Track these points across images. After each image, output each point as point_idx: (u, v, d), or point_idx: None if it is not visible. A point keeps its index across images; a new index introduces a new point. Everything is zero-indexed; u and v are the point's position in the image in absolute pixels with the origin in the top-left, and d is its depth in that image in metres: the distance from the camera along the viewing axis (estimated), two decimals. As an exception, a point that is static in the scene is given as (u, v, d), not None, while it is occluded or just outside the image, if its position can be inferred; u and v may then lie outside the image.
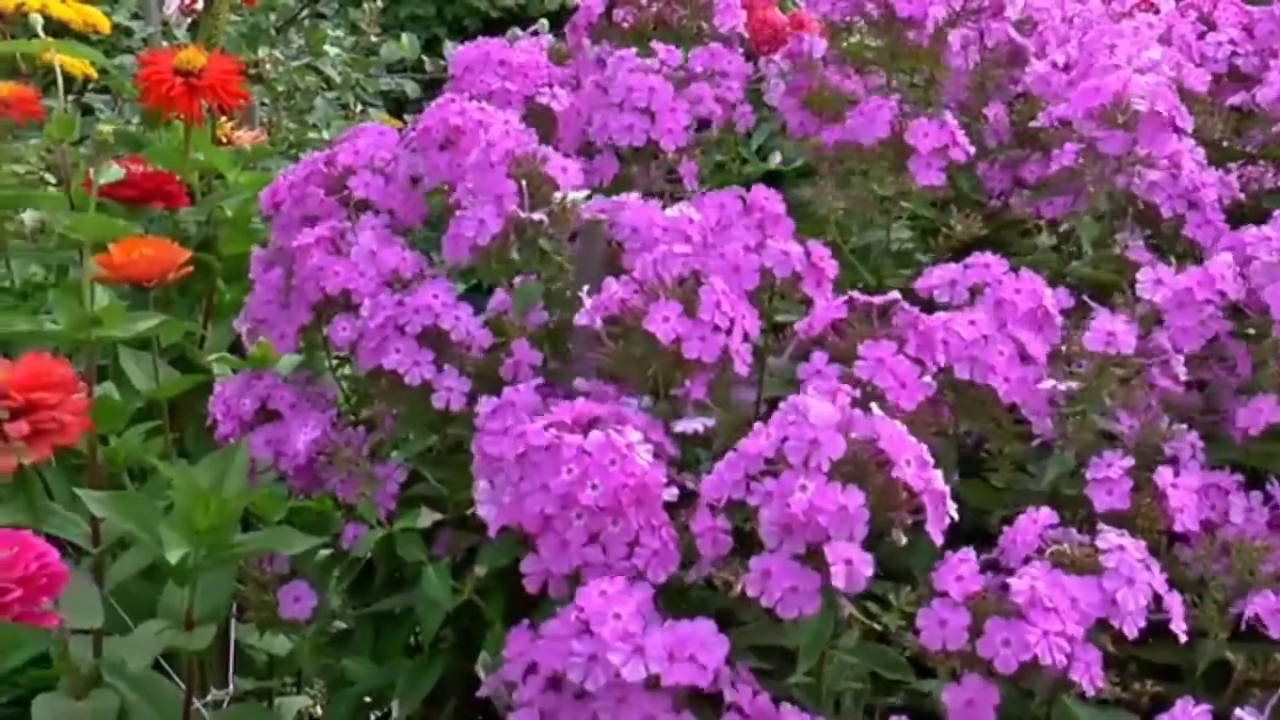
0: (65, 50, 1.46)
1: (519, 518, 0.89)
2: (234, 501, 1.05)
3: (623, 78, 1.19)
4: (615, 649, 0.81)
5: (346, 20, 2.78)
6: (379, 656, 1.08)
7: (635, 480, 0.87)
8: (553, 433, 0.88)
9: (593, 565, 0.87)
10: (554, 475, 0.87)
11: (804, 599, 0.80)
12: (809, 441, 0.81)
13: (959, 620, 0.81)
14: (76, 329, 1.21)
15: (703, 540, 0.85)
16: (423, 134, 1.13)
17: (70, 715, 1.10)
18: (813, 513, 0.79)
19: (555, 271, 1.05)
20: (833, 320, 0.96)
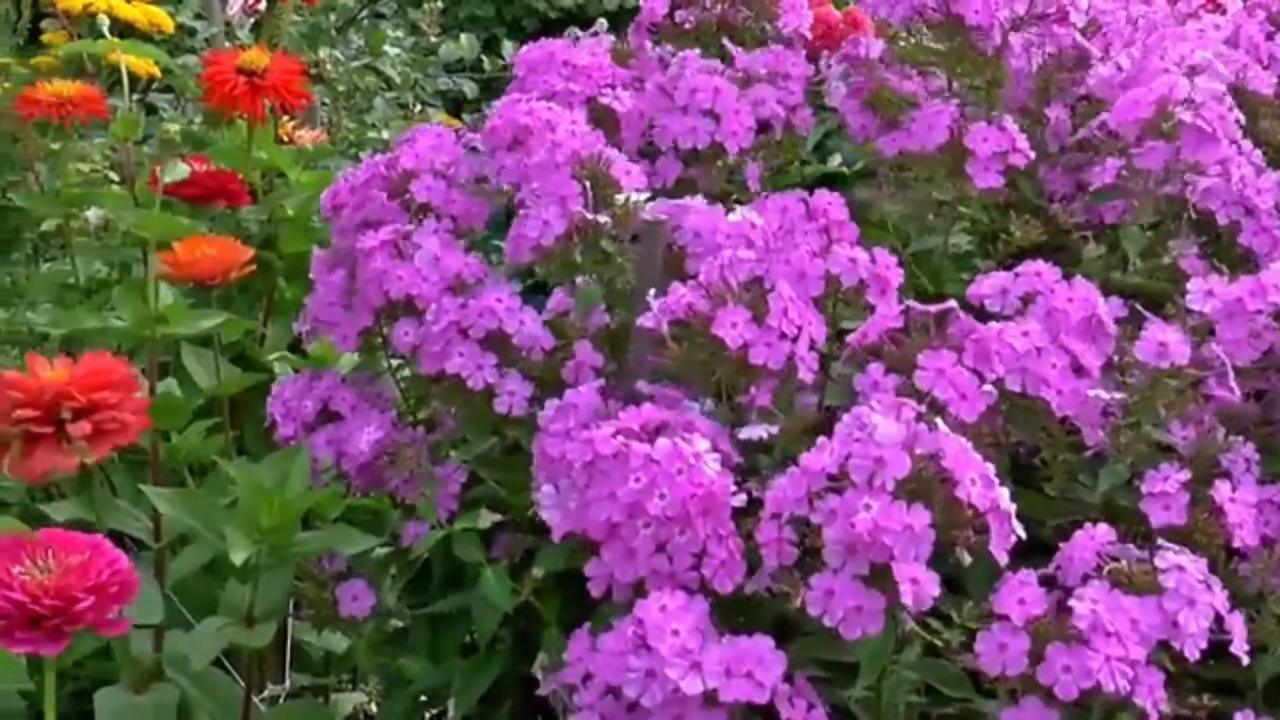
0: (131, 50, 1.48)
1: (584, 525, 0.88)
2: (297, 501, 1.05)
3: (687, 80, 1.19)
4: (673, 664, 0.81)
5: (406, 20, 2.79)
6: (435, 656, 1.09)
7: (703, 490, 0.86)
8: (620, 440, 0.88)
9: (659, 574, 0.87)
10: (621, 484, 0.86)
11: (868, 619, 0.80)
12: (874, 460, 0.80)
13: (1019, 645, 0.80)
14: (141, 326, 1.22)
15: (768, 551, 0.84)
16: (491, 134, 1.13)
17: (132, 709, 1.11)
18: (878, 532, 0.79)
19: (617, 273, 1.05)
20: (888, 329, 0.95)
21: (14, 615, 0.79)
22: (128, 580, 0.82)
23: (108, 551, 0.83)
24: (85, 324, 1.29)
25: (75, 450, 1.02)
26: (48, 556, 0.81)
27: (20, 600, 0.78)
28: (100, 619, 0.81)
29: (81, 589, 0.80)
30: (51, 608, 0.79)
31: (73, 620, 0.79)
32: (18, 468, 1.03)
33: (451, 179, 1.15)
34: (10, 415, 1.02)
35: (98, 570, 0.81)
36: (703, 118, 1.17)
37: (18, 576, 0.79)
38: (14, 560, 0.81)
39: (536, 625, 1.02)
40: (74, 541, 0.83)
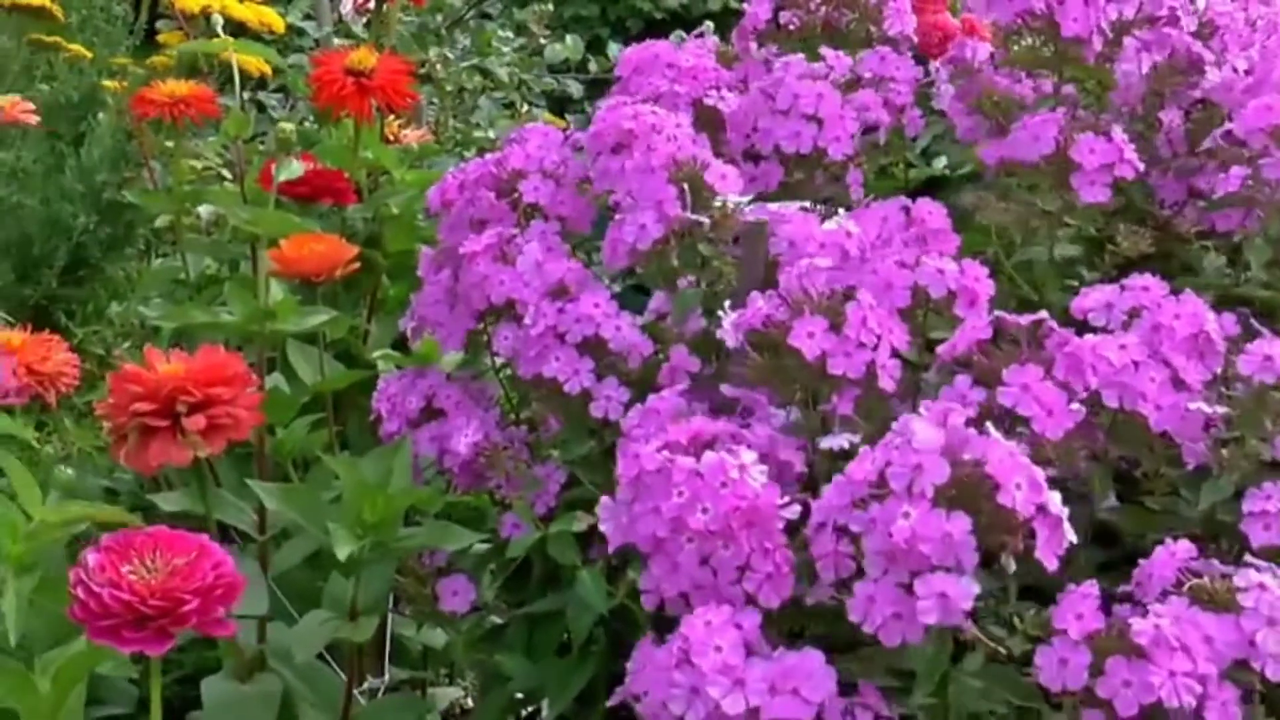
0: (243, 50, 1.50)
1: (632, 539, 0.88)
2: (399, 497, 1.07)
3: (789, 84, 1.18)
4: (714, 681, 0.80)
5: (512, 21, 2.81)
6: (532, 654, 1.09)
7: (747, 503, 0.85)
8: (664, 455, 0.87)
9: (704, 588, 0.86)
10: (665, 498, 0.86)
11: (907, 626, 0.78)
12: (912, 467, 0.79)
13: (1079, 659, 0.78)
14: (251, 321, 1.24)
15: (823, 563, 0.83)
16: (595, 138, 1.13)
17: (237, 698, 1.13)
18: (915, 541, 0.77)
19: (715, 276, 1.05)
20: (977, 341, 0.94)
21: (122, 615, 0.79)
22: (233, 582, 0.83)
23: (214, 553, 0.83)
24: (195, 318, 1.31)
25: (189, 444, 1.03)
26: (155, 556, 0.82)
27: (128, 600, 0.79)
28: (205, 620, 0.81)
29: (187, 591, 0.80)
30: (158, 608, 0.80)
31: (178, 621, 0.80)
32: (133, 459, 1.05)
33: (560, 179, 1.15)
34: (128, 408, 1.04)
35: (203, 572, 0.81)
36: (805, 122, 1.17)
37: (126, 576, 0.80)
38: (123, 559, 0.81)
39: (631, 627, 1.02)
40: (181, 541, 0.83)
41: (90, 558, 0.81)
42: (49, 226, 1.89)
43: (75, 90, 2.03)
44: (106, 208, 1.93)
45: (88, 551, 0.82)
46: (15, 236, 1.88)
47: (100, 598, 0.79)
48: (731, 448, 0.87)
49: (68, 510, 0.86)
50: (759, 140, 1.18)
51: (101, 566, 0.81)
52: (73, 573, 0.81)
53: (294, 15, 2.44)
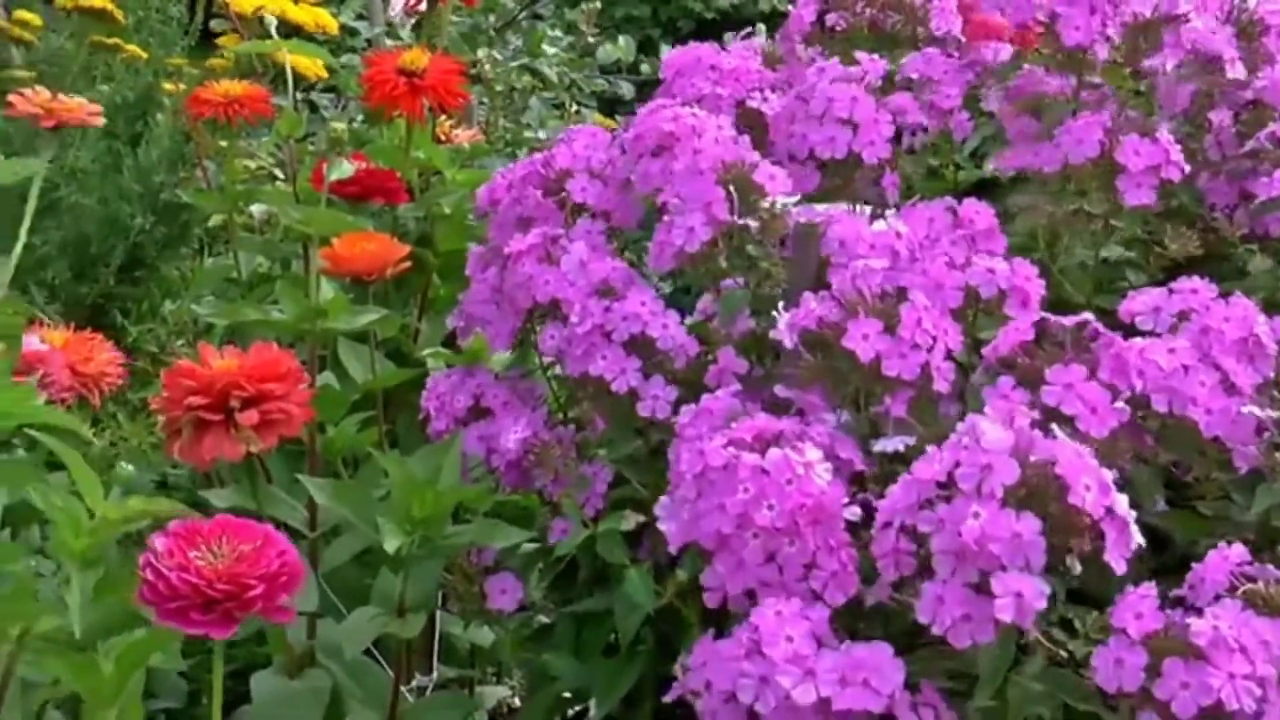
0: (297, 51, 1.51)
1: (697, 536, 0.88)
2: (449, 495, 1.07)
3: (824, 89, 1.18)
4: (785, 671, 0.80)
5: (563, 21, 2.82)
6: (579, 654, 1.10)
7: (812, 500, 0.85)
8: (730, 451, 0.87)
9: (769, 585, 0.86)
10: (730, 494, 0.86)
11: (977, 627, 0.78)
12: (981, 467, 0.79)
13: (1136, 660, 0.78)
14: (302, 320, 1.25)
15: (884, 563, 0.83)
16: (635, 141, 1.14)
17: (286, 693, 1.14)
18: (985, 541, 0.77)
19: (763, 278, 1.05)
20: (1022, 342, 0.94)
21: (189, 597, 0.81)
22: (296, 570, 0.84)
23: (278, 541, 0.85)
24: (247, 316, 1.32)
25: (242, 438, 1.05)
26: (221, 543, 0.83)
27: (195, 584, 0.81)
28: (269, 606, 0.82)
29: (253, 576, 0.82)
30: (224, 592, 0.81)
31: (243, 606, 0.81)
32: (187, 453, 1.06)
33: (607, 179, 1.16)
34: (182, 402, 1.06)
35: (268, 559, 0.83)
36: (840, 127, 1.16)
37: (194, 560, 0.82)
38: (190, 545, 0.83)
39: (678, 627, 1.02)
40: (246, 529, 0.85)
41: (159, 543, 0.83)
42: (106, 226, 1.92)
43: (132, 91, 2.05)
44: (162, 207, 1.95)
45: (155, 537, 0.84)
46: (73, 235, 1.90)
47: (169, 580, 0.81)
48: (796, 445, 0.87)
49: (129, 506, 0.87)
50: (794, 144, 1.18)
51: (170, 551, 0.82)
52: (142, 557, 0.83)
53: (346, 15, 2.46)
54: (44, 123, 0.99)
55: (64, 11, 2.05)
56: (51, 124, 0.99)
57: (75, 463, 0.86)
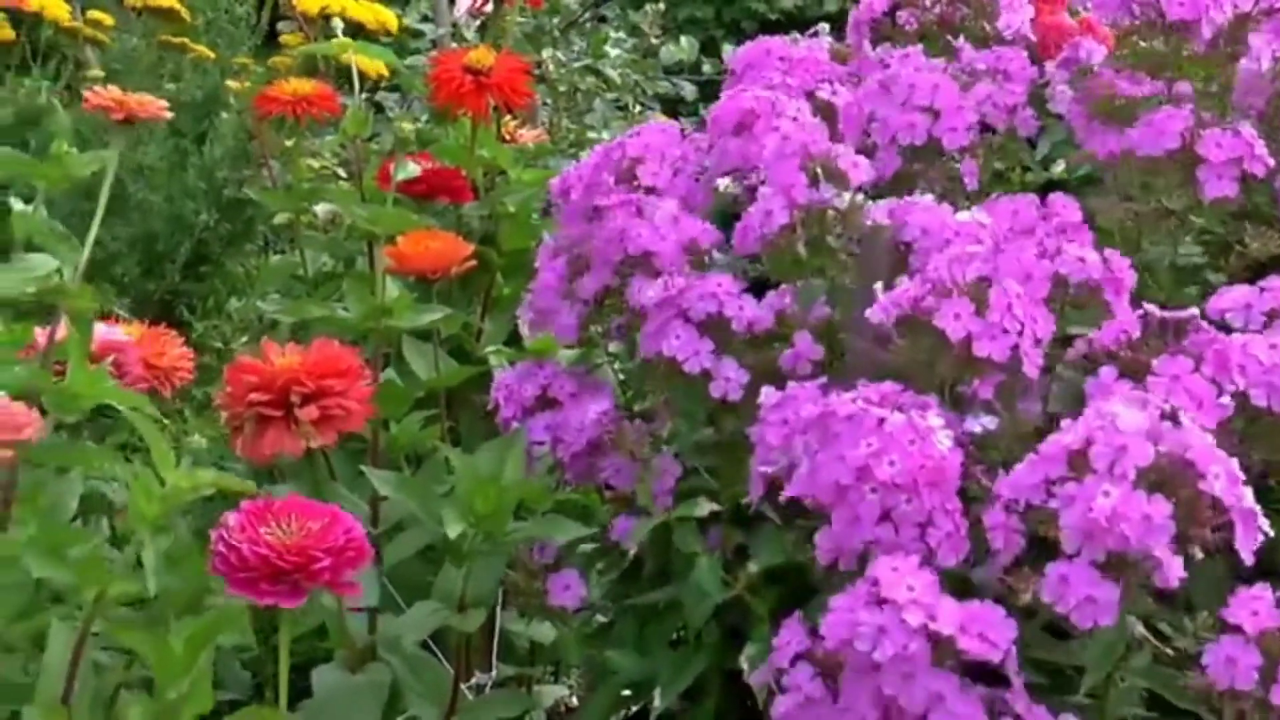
0: (362, 50, 1.52)
1: (813, 490, 0.89)
2: (512, 489, 1.08)
3: (906, 75, 1.18)
4: (908, 610, 0.80)
5: (626, 23, 2.83)
6: (642, 648, 1.10)
7: (933, 462, 0.86)
8: (859, 404, 0.88)
9: (883, 543, 0.87)
10: (852, 447, 0.87)
11: (1101, 610, 0.78)
12: (1117, 447, 0.79)
13: (1249, 659, 0.78)
14: (367, 317, 1.26)
15: (994, 535, 0.83)
16: (715, 121, 1.14)
17: (348, 687, 1.15)
18: (1116, 519, 0.77)
19: (839, 270, 1.05)
20: (1124, 333, 0.94)
21: (259, 568, 0.84)
22: (362, 546, 0.87)
23: (345, 520, 0.88)
24: (312, 313, 1.33)
25: (303, 434, 1.06)
26: (291, 520, 0.87)
27: (266, 555, 0.84)
28: (336, 580, 0.86)
29: (321, 549, 0.85)
30: (293, 564, 0.85)
31: (312, 577, 0.85)
32: (249, 448, 1.07)
33: (680, 171, 1.16)
34: (244, 398, 1.07)
35: (335, 535, 0.86)
36: (922, 113, 1.16)
37: (264, 535, 0.85)
38: (261, 521, 0.86)
39: (746, 621, 1.02)
40: (315, 509, 0.88)
41: (230, 519, 0.87)
42: (172, 223, 1.94)
43: (199, 90, 2.07)
44: (227, 205, 1.97)
45: (228, 515, 0.87)
46: (141, 232, 1.93)
47: (240, 551, 0.85)
48: (920, 412, 0.88)
49: (199, 476, 0.89)
50: (875, 131, 1.18)
51: (241, 526, 0.86)
52: (214, 532, 0.87)
53: (411, 17, 2.47)
54: (115, 115, 1.00)
55: (135, 12, 2.07)
56: (121, 116, 1.00)
57: (150, 433, 0.89)
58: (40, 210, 0.98)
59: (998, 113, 1.22)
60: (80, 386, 0.92)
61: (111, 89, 1.03)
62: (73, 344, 0.93)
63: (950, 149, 1.16)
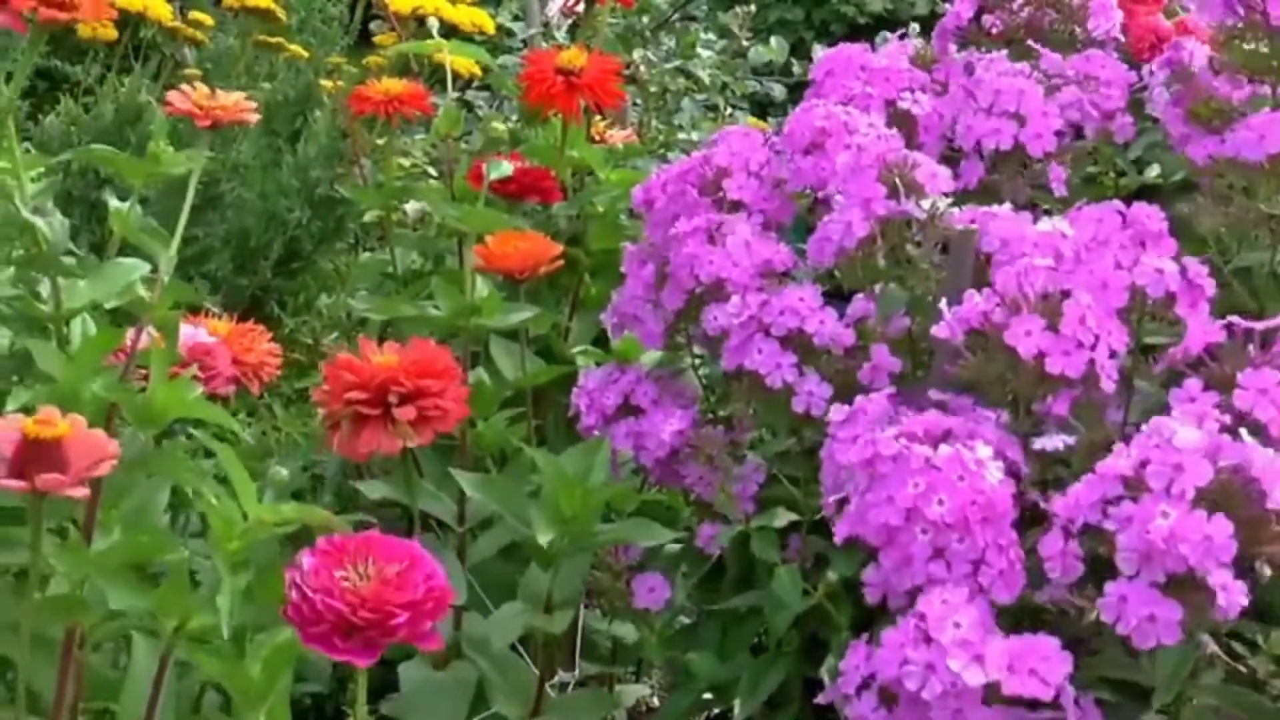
0: (455, 50, 1.53)
1: (863, 529, 0.88)
2: (598, 492, 1.08)
3: (991, 81, 1.17)
4: (954, 655, 0.80)
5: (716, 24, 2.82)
6: (724, 653, 1.09)
7: (984, 498, 0.85)
8: (902, 443, 0.87)
9: (935, 582, 0.85)
10: (900, 488, 0.86)
11: (1163, 629, 0.77)
12: (1172, 466, 0.78)
13: None
14: (457, 316, 1.27)
15: (1052, 564, 0.82)
16: (788, 139, 1.13)
17: (434, 684, 1.16)
18: (1174, 540, 0.76)
19: (920, 279, 1.04)
20: (1208, 345, 0.92)
21: (333, 623, 0.79)
22: (443, 595, 0.81)
23: (425, 564, 0.81)
24: (402, 311, 1.34)
25: (399, 433, 1.06)
26: (368, 562, 0.81)
27: (339, 609, 0.79)
28: (415, 633, 0.80)
29: (398, 604, 0.79)
30: (368, 620, 0.79)
31: (387, 634, 0.79)
32: (345, 446, 1.08)
33: (762, 178, 1.15)
34: (342, 396, 1.07)
35: (414, 584, 0.80)
36: (1007, 119, 1.15)
37: (339, 582, 0.80)
38: (337, 564, 0.81)
39: (825, 629, 1.01)
40: (393, 548, 0.82)
41: (305, 560, 0.81)
42: (265, 220, 1.96)
43: (293, 89, 2.10)
44: (319, 202, 1.99)
45: (303, 554, 0.82)
46: (235, 229, 1.95)
47: (314, 603, 0.79)
48: (967, 442, 0.87)
49: (282, 511, 0.88)
50: (959, 137, 1.17)
51: (316, 570, 0.80)
52: (288, 573, 0.81)
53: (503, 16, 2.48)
54: (200, 122, 1.00)
55: (231, 12, 2.10)
56: (207, 123, 1.01)
57: (232, 463, 0.87)
58: (135, 207, 0.99)
59: (1091, 117, 1.20)
60: (162, 401, 0.91)
61: (200, 90, 1.03)
62: (155, 356, 0.92)
63: (1036, 154, 1.14)
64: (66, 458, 0.79)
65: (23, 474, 0.78)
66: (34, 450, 0.78)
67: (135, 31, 2.17)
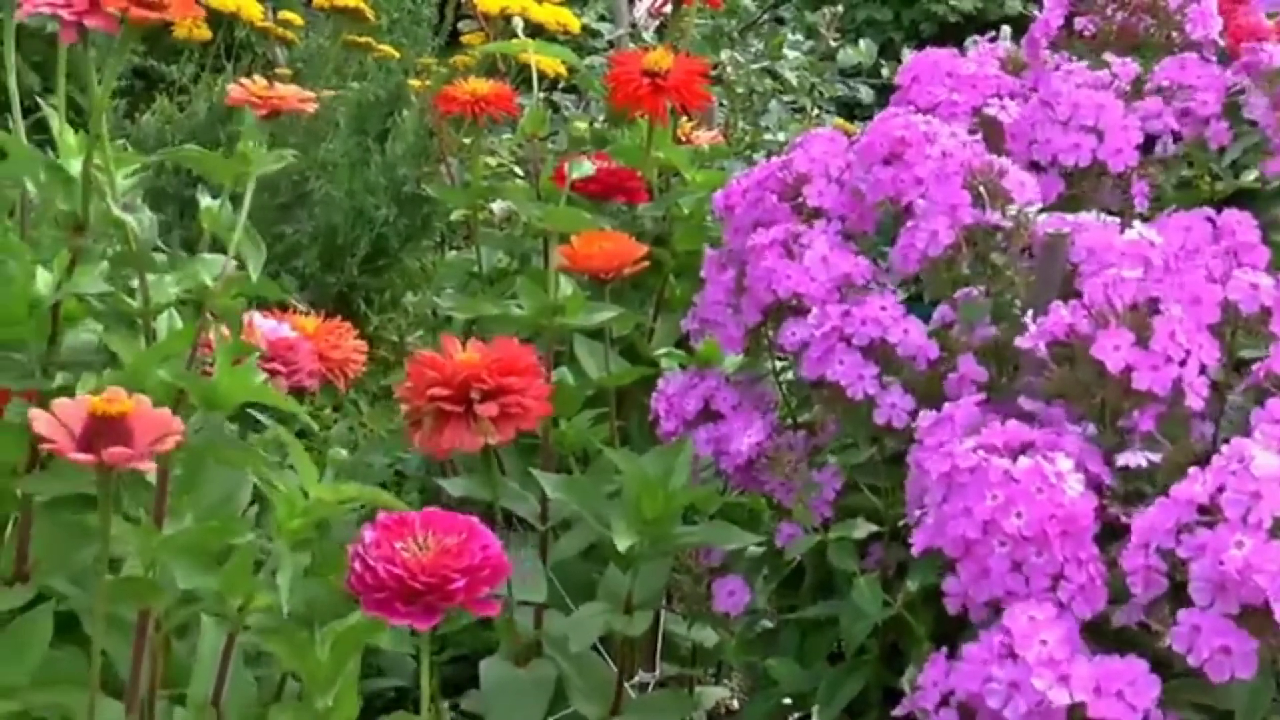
0: (542, 50, 1.54)
1: (941, 541, 0.87)
2: (679, 495, 1.08)
3: (1069, 94, 1.14)
4: (1039, 674, 0.78)
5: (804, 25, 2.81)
6: (803, 660, 1.09)
7: (1063, 511, 0.83)
8: (980, 455, 0.86)
9: (1014, 595, 0.84)
10: (978, 500, 0.84)
11: (1238, 661, 0.75)
12: (1250, 494, 0.75)
13: None
14: (541, 315, 1.28)
15: (1134, 580, 0.80)
16: (866, 149, 1.12)
17: (513, 681, 1.16)
18: (1249, 572, 0.74)
19: (1005, 286, 1.03)
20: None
21: (394, 589, 0.83)
22: (499, 564, 0.85)
23: (482, 535, 0.86)
24: (487, 310, 1.35)
25: (481, 430, 1.07)
26: (427, 535, 0.85)
27: (400, 575, 0.83)
28: (471, 599, 0.84)
29: (455, 570, 0.83)
30: (427, 584, 0.83)
31: (446, 598, 0.83)
32: (427, 442, 1.09)
33: (844, 184, 1.15)
34: (424, 392, 1.08)
35: (471, 553, 0.84)
36: (1085, 134, 1.13)
37: (399, 552, 0.84)
38: (397, 536, 0.85)
39: (905, 639, 1.01)
40: (452, 522, 0.86)
41: (367, 534, 0.85)
42: (353, 217, 1.98)
43: (382, 88, 2.11)
44: (406, 201, 2.01)
45: (365, 528, 0.86)
46: (323, 226, 1.97)
47: (375, 571, 0.83)
48: (1047, 454, 0.85)
49: (341, 489, 0.90)
50: (1037, 151, 1.15)
51: (377, 543, 0.85)
52: (351, 547, 0.86)
53: (589, 17, 2.49)
54: (258, 111, 1.01)
55: (322, 12, 2.12)
56: (265, 112, 1.02)
57: (294, 445, 0.90)
58: (226, 205, 1.00)
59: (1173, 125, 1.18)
60: (227, 386, 0.93)
61: (257, 82, 1.04)
62: (220, 343, 0.94)
63: (1115, 170, 1.12)
64: (132, 433, 0.81)
65: (90, 449, 0.80)
66: (101, 426, 0.81)
67: (229, 31, 2.20)
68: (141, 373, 0.91)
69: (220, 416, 0.94)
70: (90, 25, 0.82)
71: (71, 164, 0.91)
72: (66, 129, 0.93)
